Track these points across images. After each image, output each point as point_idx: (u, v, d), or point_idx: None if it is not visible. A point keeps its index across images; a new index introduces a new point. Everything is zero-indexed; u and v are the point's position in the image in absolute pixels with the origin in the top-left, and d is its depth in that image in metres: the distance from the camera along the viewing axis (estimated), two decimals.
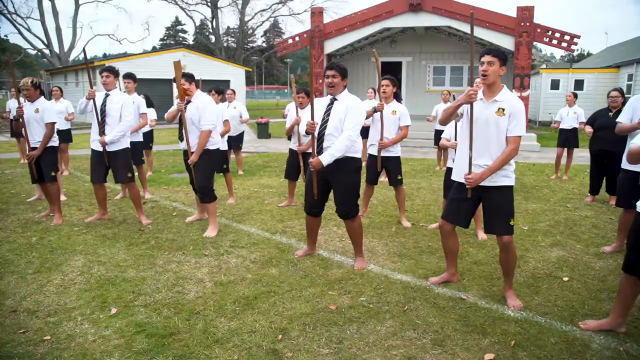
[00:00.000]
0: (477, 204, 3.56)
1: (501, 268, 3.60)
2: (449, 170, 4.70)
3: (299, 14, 47.47)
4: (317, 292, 3.65)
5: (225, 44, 48.20)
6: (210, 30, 47.81)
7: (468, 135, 3.41)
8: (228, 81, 25.19)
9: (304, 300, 3.52)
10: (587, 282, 3.95)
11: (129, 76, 6.72)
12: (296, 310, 3.35)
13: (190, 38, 65.50)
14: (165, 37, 67.91)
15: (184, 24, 68.24)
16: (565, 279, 4.02)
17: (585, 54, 67.65)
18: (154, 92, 15.98)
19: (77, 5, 35.25)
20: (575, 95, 8.86)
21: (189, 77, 4.99)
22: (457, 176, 3.55)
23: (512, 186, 3.45)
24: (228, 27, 59.03)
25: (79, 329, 3.11)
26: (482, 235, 5.03)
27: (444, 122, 3.68)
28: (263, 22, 47.27)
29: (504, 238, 3.39)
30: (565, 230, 5.42)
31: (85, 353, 2.82)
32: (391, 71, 19.42)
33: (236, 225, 5.50)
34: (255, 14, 47.18)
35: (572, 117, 8.60)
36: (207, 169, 5.11)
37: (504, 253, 3.45)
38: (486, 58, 3.33)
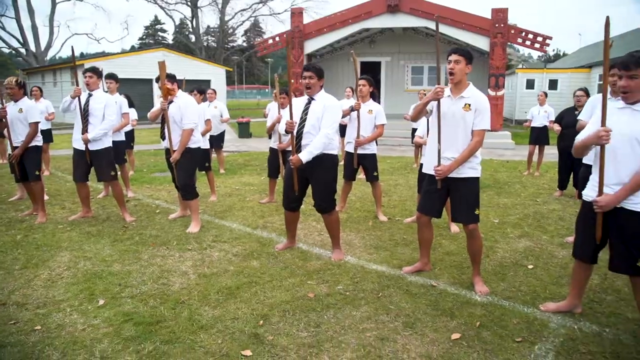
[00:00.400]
0: (447, 195, 3.79)
1: (469, 255, 3.84)
2: (422, 166, 4.94)
3: (279, 13, 47.79)
4: (296, 282, 3.84)
5: (205, 44, 48.05)
6: (190, 30, 47.58)
7: (437, 130, 3.64)
8: (209, 81, 25.20)
9: (284, 289, 3.71)
10: (550, 270, 4.22)
11: (111, 76, 6.81)
12: (276, 298, 3.54)
13: (169, 37, 65.09)
14: (144, 37, 67.35)
15: (164, 23, 67.82)
16: (530, 266, 4.28)
17: (561, 54, 69.04)
18: (134, 92, 15.96)
19: (54, 4, 34.78)
20: (546, 95, 9.22)
21: (171, 78, 5.14)
22: (428, 169, 3.78)
23: (477, 177, 3.69)
24: (208, 27, 58.88)
25: (68, 319, 3.25)
26: (454, 228, 5.28)
27: (415, 118, 3.90)
28: (243, 21, 47.21)
29: (470, 226, 3.64)
30: (533, 223, 5.71)
31: (76, 340, 2.97)
32: (370, 71, 19.69)
33: (218, 221, 5.66)
34: (236, 13, 47.06)
35: (542, 115, 8.96)
36: (189, 167, 5.26)
37: (470, 240, 3.70)
38: (453, 57, 3.57)
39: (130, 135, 7.99)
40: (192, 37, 46.45)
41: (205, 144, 6.44)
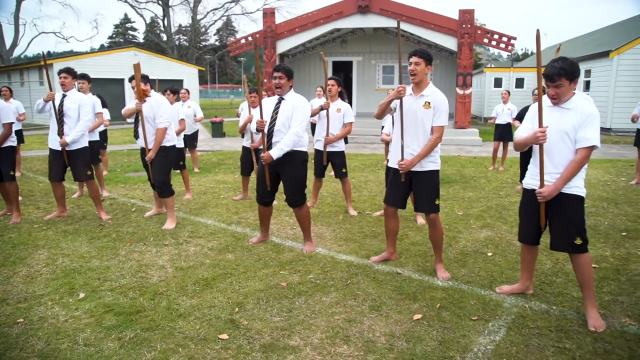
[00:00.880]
0: (411, 187, 4.05)
1: (431, 243, 4.11)
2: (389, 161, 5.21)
3: (251, 13, 47.62)
4: (269, 272, 4.05)
5: (177, 42, 47.60)
6: (162, 29, 47.08)
7: (400, 126, 3.90)
8: (181, 80, 25.09)
9: (258, 279, 3.91)
10: (507, 256, 4.53)
11: (83, 77, 6.87)
12: (251, 287, 3.74)
13: (140, 36, 64.13)
14: (114, 35, 66.14)
15: (134, 22, 66.74)
16: (490, 254, 4.59)
17: (529, 53, 70.75)
18: (105, 92, 15.86)
19: (19, 1, 33.98)
20: (509, 93, 9.64)
21: (144, 78, 5.27)
22: (392, 163, 4.04)
23: (437, 170, 3.97)
24: (180, 26, 58.20)
25: (50, 312, 3.38)
26: (420, 220, 5.56)
27: (379, 116, 4.15)
28: (216, 20, 46.98)
29: (431, 215, 3.92)
30: (495, 214, 6.04)
31: (59, 331, 3.11)
32: (342, 70, 20.01)
33: (194, 218, 5.82)
34: (208, 12, 46.96)
35: (506, 113, 9.36)
36: (164, 164, 5.40)
37: (432, 228, 3.98)
38: (413, 59, 3.83)
39: (103, 135, 8.04)
40: (164, 36, 46.00)
41: (179, 143, 6.57)
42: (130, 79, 5.33)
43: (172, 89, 7.31)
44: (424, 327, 3.15)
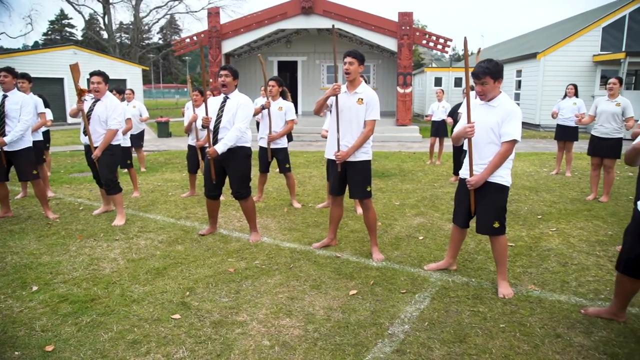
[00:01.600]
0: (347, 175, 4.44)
1: (366, 226, 4.52)
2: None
3: (196, 11, 46.96)
4: (218, 261, 4.32)
5: (118, 40, 46.31)
6: (102, 26, 45.64)
7: (336, 121, 4.27)
8: (124, 80, 24.56)
9: (207, 267, 4.18)
10: (437, 239, 5.01)
11: (24, 76, 6.82)
12: (200, 274, 4.01)
13: (79, 33, 61.76)
14: (50, 32, 63.23)
15: (71, 18, 64.08)
16: (421, 238, 5.06)
17: (470, 53, 73.39)
18: (44, 91, 15.34)
19: None
20: (443, 92, 10.28)
21: (104, 77, 5.40)
22: (329, 154, 4.40)
23: (369, 160, 4.37)
24: (121, 23, 56.57)
25: (3, 304, 3.51)
26: (359, 210, 5.97)
27: (317, 111, 4.49)
28: (159, 19, 46.02)
29: (364, 201, 4.33)
30: (428, 204, 6.55)
31: (14, 320, 3.26)
32: (288, 70, 20.34)
33: (143, 214, 5.97)
34: (151, 10, 45.86)
35: (441, 110, 9.99)
36: (110, 163, 5.52)
37: (365, 212, 4.40)
38: (347, 59, 4.21)
39: (46, 135, 7.97)
40: (104, 34, 44.62)
41: (125, 142, 6.68)
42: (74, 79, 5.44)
43: (118, 88, 7.39)
44: (358, 301, 3.53)
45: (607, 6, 20.11)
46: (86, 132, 5.44)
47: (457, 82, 25.06)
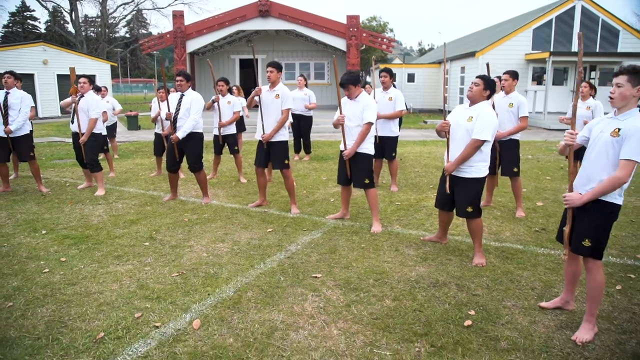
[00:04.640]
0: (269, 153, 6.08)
1: (287, 191, 6.19)
2: None
3: (162, 8, 47.60)
4: (177, 215, 5.95)
5: (84, 34, 46.64)
6: (66, 20, 45.82)
7: (260, 111, 5.91)
8: (93, 76, 25.54)
9: (169, 218, 5.80)
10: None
11: (12, 73, 8.21)
12: (164, 222, 5.62)
13: (42, 27, 61.21)
14: (11, 25, 62.23)
15: (33, 11, 63.20)
16: (332, 200, 6.75)
17: (429, 48, 76.00)
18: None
19: None
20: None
21: (89, 79, 6.90)
22: (258, 136, 6.06)
23: (286, 141, 6.02)
24: (86, 17, 56.53)
25: (24, 240, 5.04)
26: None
27: (249, 105, 6.13)
28: (126, 15, 46.53)
29: (283, 170, 5.99)
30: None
31: (35, 247, 4.80)
32: (249, 67, 21.82)
33: (119, 188, 7.52)
34: (118, 7, 46.25)
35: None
36: (94, 147, 7.05)
37: (285, 180, 6.07)
38: (268, 69, 5.85)
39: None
40: (69, 27, 44.81)
41: (104, 131, 8.19)
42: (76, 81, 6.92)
43: (96, 86, 8.84)
44: (272, 234, 5.22)
45: (537, 10, 22.33)
46: (74, 121, 6.95)
47: (410, 78, 27.01)
